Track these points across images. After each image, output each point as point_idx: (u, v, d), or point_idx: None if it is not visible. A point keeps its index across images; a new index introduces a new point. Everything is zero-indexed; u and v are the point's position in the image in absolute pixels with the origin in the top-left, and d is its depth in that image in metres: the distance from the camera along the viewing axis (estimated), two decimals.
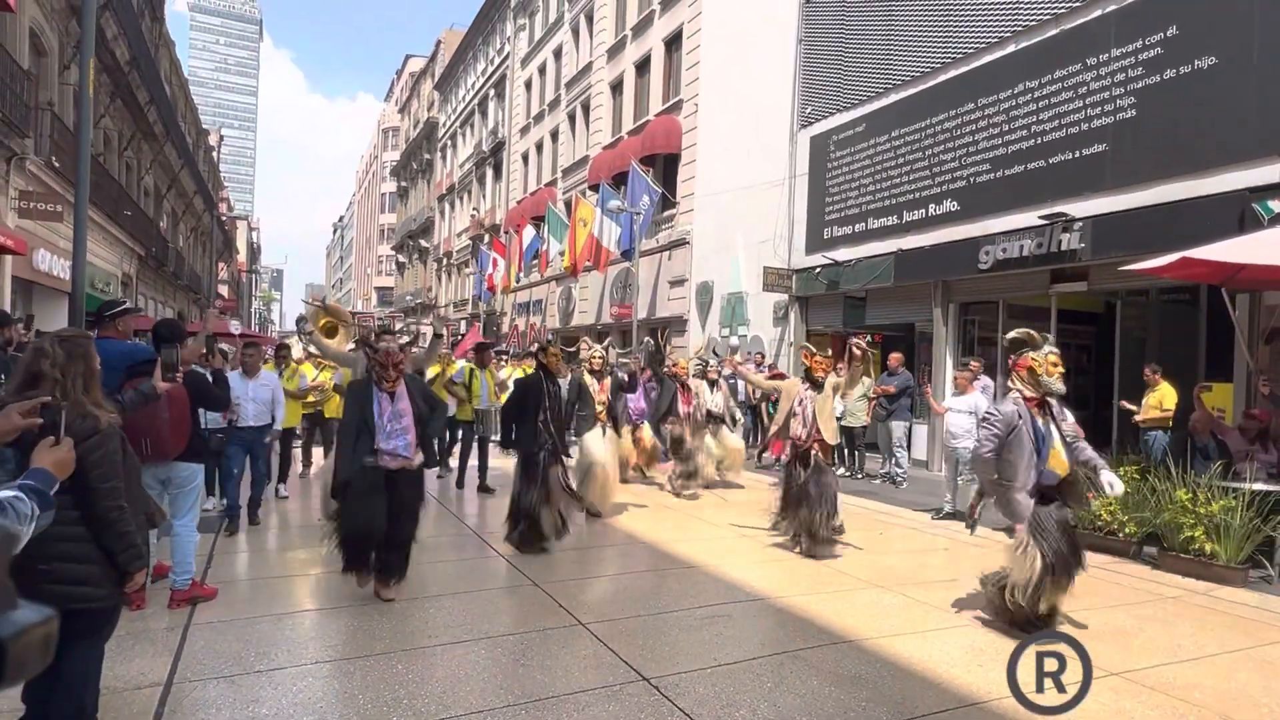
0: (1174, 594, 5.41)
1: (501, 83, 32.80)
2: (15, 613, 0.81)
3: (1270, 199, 7.32)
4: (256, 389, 6.66)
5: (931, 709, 3.42)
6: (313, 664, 3.76)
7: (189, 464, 4.60)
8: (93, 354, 2.53)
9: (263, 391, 6.74)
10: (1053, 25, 9.89)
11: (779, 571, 5.73)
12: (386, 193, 61.09)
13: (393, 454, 4.54)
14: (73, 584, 2.32)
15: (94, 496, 2.36)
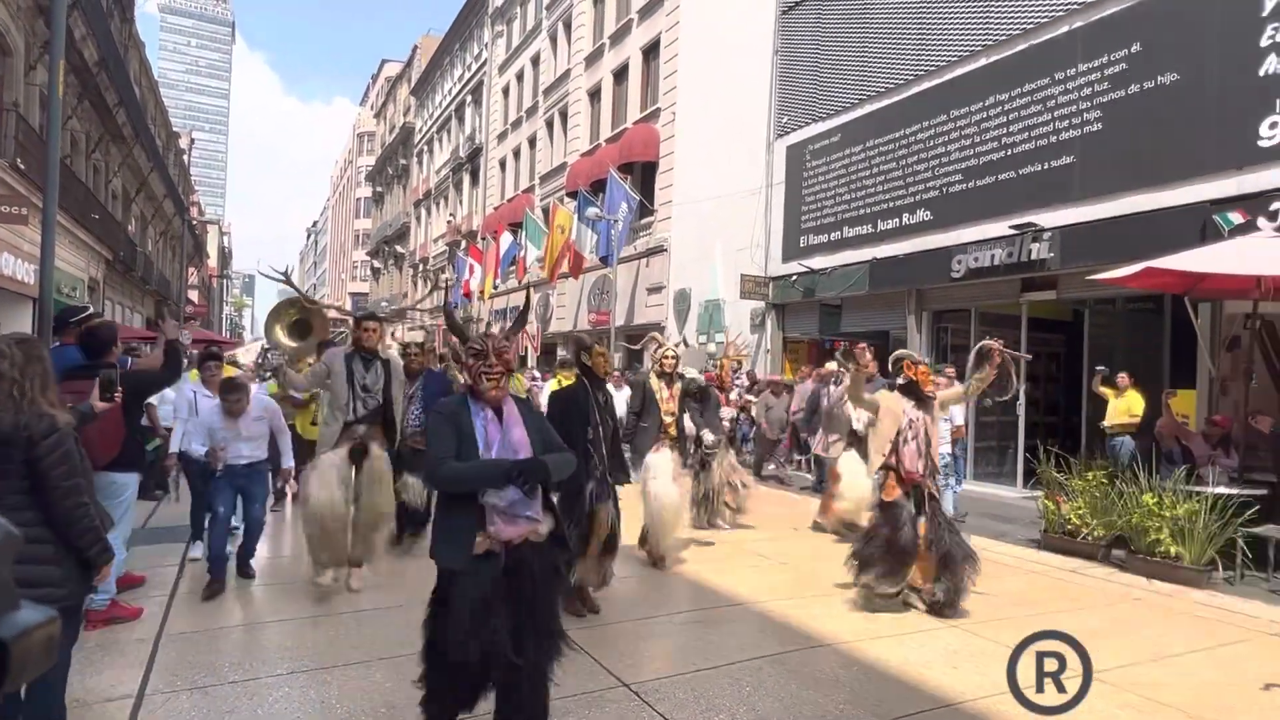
0: (1140, 595, 5.54)
1: (479, 89, 32.72)
2: (17, 613, 0.80)
3: (1230, 211, 7.55)
4: (249, 424, 5.12)
5: (908, 711, 3.47)
6: (288, 674, 3.71)
7: (120, 474, 4.32)
8: (48, 356, 2.61)
9: (258, 426, 5.20)
10: (1022, 40, 10.12)
11: (757, 576, 5.76)
12: (361, 198, 60.52)
13: (511, 515, 2.65)
14: (32, 585, 2.29)
15: (56, 495, 2.40)
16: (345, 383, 4.98)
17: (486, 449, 2.65)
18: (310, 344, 6.07)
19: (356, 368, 5.03)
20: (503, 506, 2.61)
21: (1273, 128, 7.48)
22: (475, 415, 2.69)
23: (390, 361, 5.22)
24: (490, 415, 2.71)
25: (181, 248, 32.99)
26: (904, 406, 4.96)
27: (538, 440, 2.75)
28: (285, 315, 5.87)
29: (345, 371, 4.99)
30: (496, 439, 2.67)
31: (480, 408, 2.72)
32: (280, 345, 6.03)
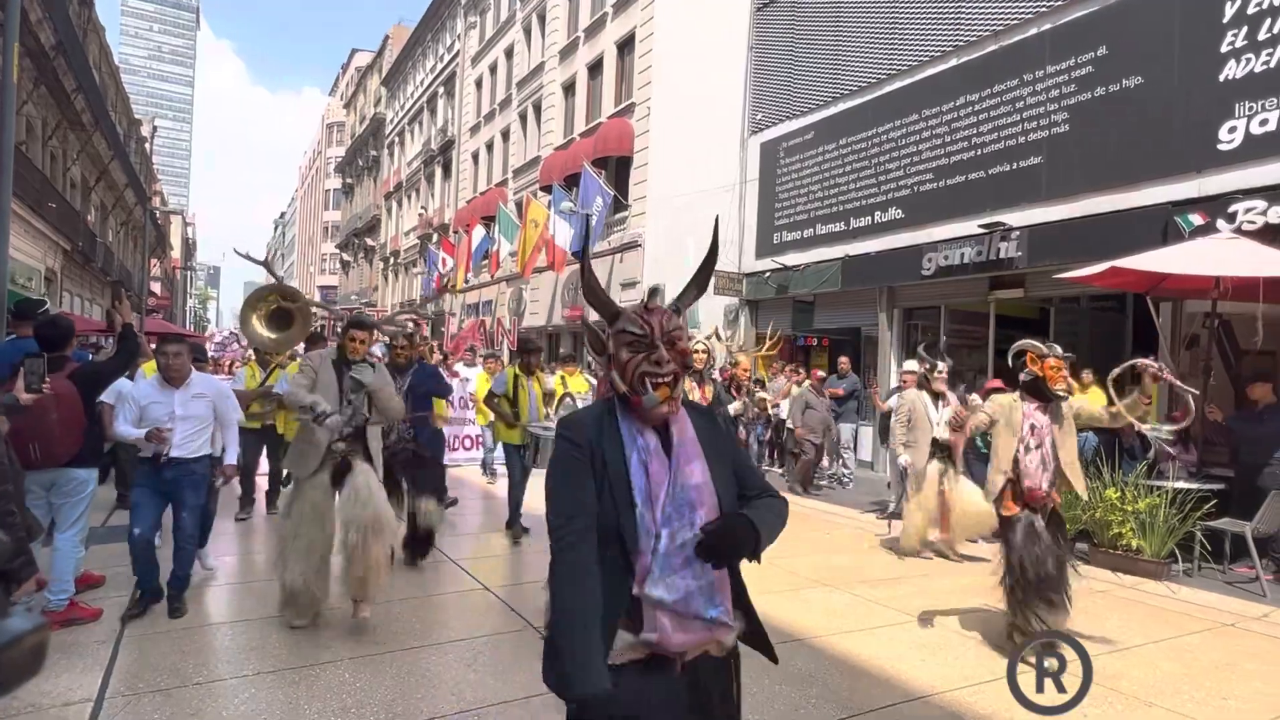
0: (1103, 588, 5.67)
1: (451, 80, 32.35)
2: (7, 621, 0.79)
3: (1190, 213, 7.73)
4: (186, 401, 4.38)
5: (879, 704, 3.51)
6: (254, 674, 3.64)
7: (80, 470, 4.22)
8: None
9: (196, 405, 4.41)
10: (992, 41, 10.26)
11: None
12: (331, 189, 59.55)
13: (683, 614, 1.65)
14: None
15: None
16: (334, 392, 4.30)
17: (647, 502, 1.63)
18: (291, 336, 5.49)
19: (344, 376, 4.35)
20: (671, 600, 1.60)
21: (1231, 132, 7.68)
22: (629, 443, 1.67)
23: (377, 365, 4.54)
24: (653, 443, 1.68)
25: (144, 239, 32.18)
26: (1024, 410, 4.20)
27: (726, 476, 1.75)
28: (264, 303, 5.28)
29: (334, 378, 4.31)
30: (663, 484, 1.65)
31: (636, 430, 1.69)
32: (257, 338, 5.43)
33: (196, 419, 4.42)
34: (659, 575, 1.61)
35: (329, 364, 4.36)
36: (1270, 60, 7.43)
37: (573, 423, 1.72)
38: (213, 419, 4.54)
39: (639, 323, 1.71)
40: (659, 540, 1.62)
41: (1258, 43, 7.53)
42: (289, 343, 6.04)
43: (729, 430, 1.88)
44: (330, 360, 4.37)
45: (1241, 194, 7.43)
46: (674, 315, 1.74)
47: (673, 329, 1.72)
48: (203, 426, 4.46)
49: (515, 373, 6.85)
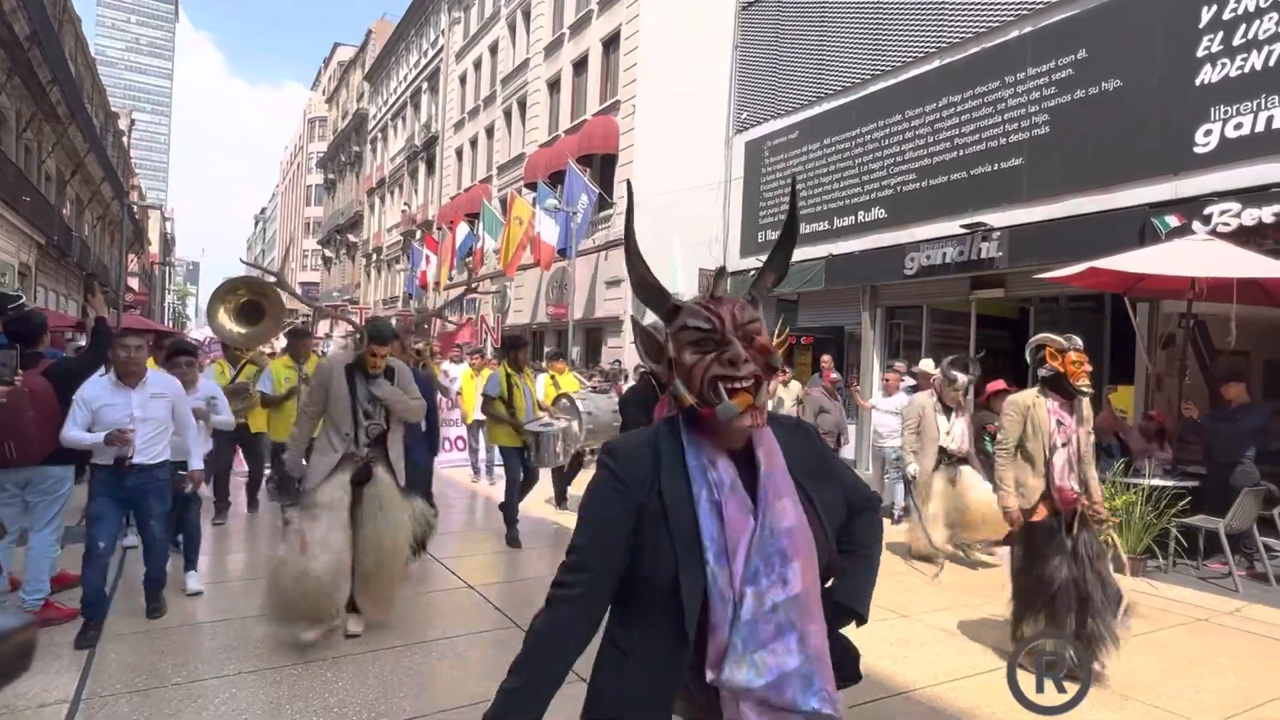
0: None
1: (435, 76, 32.14)
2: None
3: (1167, 214, 7.85)
4: (145, 401, 4.06)
5: (861, 700, 3.54)
6: (235, 674, 3.61)
7: (56, 467, 4.15)
8: None
9: (156, 406, 4.10)
10: (974, 43, 10.35)
11: None
12: (313, 185, 58.99)
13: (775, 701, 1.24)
14: None
15: None
16: (348, 404, 4.04)
17: (722, 556, 1.24)
18: (262, 331, 5.41)
19: (359, 386, 4.08)
20: (760, 686, 1.23)
21: (1207, 135, 7.80)
22: (697, 478, 1.29)
23: (397, 370, 4.23)
24: (728, 477, 1.29)
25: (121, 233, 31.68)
26: (1047, 407, 4.01)
27: (830, 504, 1.39)
28: (233, 295, 5.19)
29: (347, 390, 4.06)
30: (744, 530, 1.25)
31: (707, 460, 1.30)
32: (224, 332, 5.32)
33: (156, 421, 4.12)
34: (742, 652, 1.22)
35: (341, 373, 4.08)
36: (1245, 65, 7.56)
37: (622, 450, 1.35)
38: (171, 421, 4.21)
39: (705, 315, 1.36)
40: (740, 606, 1.22)
41: (1233, 48, 7.66)
42: (259, 338, 5.91)
43: (813, 436, 1.48)
44: (343, 368, 4.09)
45: (1216, 196, 7.55)
46: (748, 306, 1.40)
47: (748, 321, 1.37)
48: (163, 429, 4.14)
49: (507, 372, 6.58)
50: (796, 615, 1.25)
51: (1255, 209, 7.19)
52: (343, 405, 4.05)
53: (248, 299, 5.19)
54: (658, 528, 1.27)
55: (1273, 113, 7.31)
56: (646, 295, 1.47)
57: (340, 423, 4.07)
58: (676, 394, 1.35)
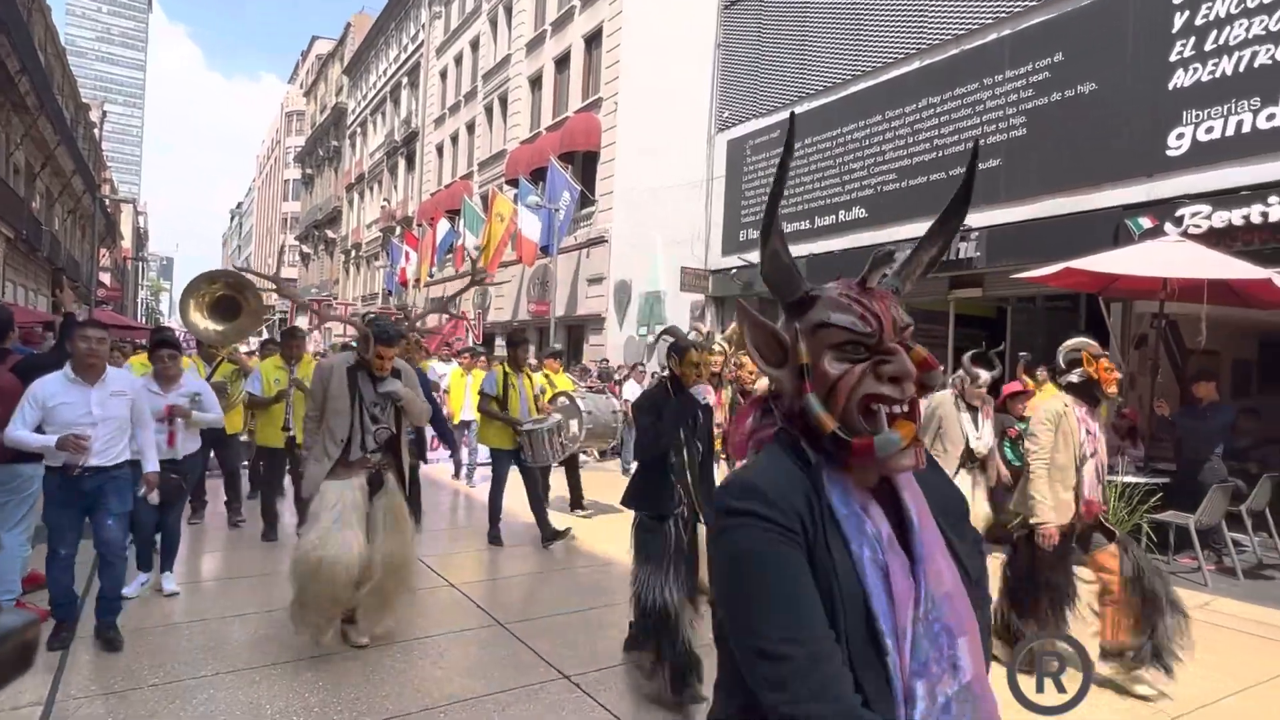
0: None
1: (415, 71, 31.86)
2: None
3: (1141, 216, 8.00)
4: (105, 400, 3.74)
5: None
6: (213, 675, 3.56)
7: (25, 465, 4.01)
8: None
9: (116, 405, 3.78)
10: (954, 45, 10.46)
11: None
12: (290, 179, 58.24)
13: None
14: None
15: None
16: (349, 408, 3.81)
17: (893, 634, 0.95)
18: (240, 328, 5.17)
19: (364, 388, 3.83)
20: None
21: (1179, 138, 7.95)
22: (852, 529, 0.99)
23: (403, 372, 4.01)
24: (885, 529, 1.00)
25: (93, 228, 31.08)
26: (1076, 415, 3.78)
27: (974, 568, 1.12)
28: (206, 291, 4.90)
29: (348, 393, 3.81)
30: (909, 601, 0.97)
31: (856, 502, 1.01)
32: (198, 329, 5.05)
33: (116, 421, 3.79)
34: None
35: (343, 375, 3.83)
36: (1216, 71, 7.71)
37: (769, 485, 0.98)
38: (128, 421, 3.88)
39: (859, 312, 1.05)
40: (911, 706, 0.94)
41: (1204, 53, 7.81)
42: (235, 335, 5.60)
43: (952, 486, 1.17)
44: (345, 370, 3.85)
45: (1188, 199, 7.70)
46: (899, 302, 1.10)
47: (906, 325, 1.08)
48: (122, 429, 3.84)
49: (505, 371, 6.35)
50: (970, 713, 0.96)
51: (1225, 211, 7.35)
52: (341, 410, 3.79)
53: (223, 294, 4.93)
54: (830, 599, 0.94)
55: (1242, 117, 7.48)
56: (775, 275, 1.12)
57: (336, 428, 3.79)
58: (811, 414, 1.02)
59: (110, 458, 3.77)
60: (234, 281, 5.06)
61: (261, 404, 5.98)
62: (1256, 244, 7.14)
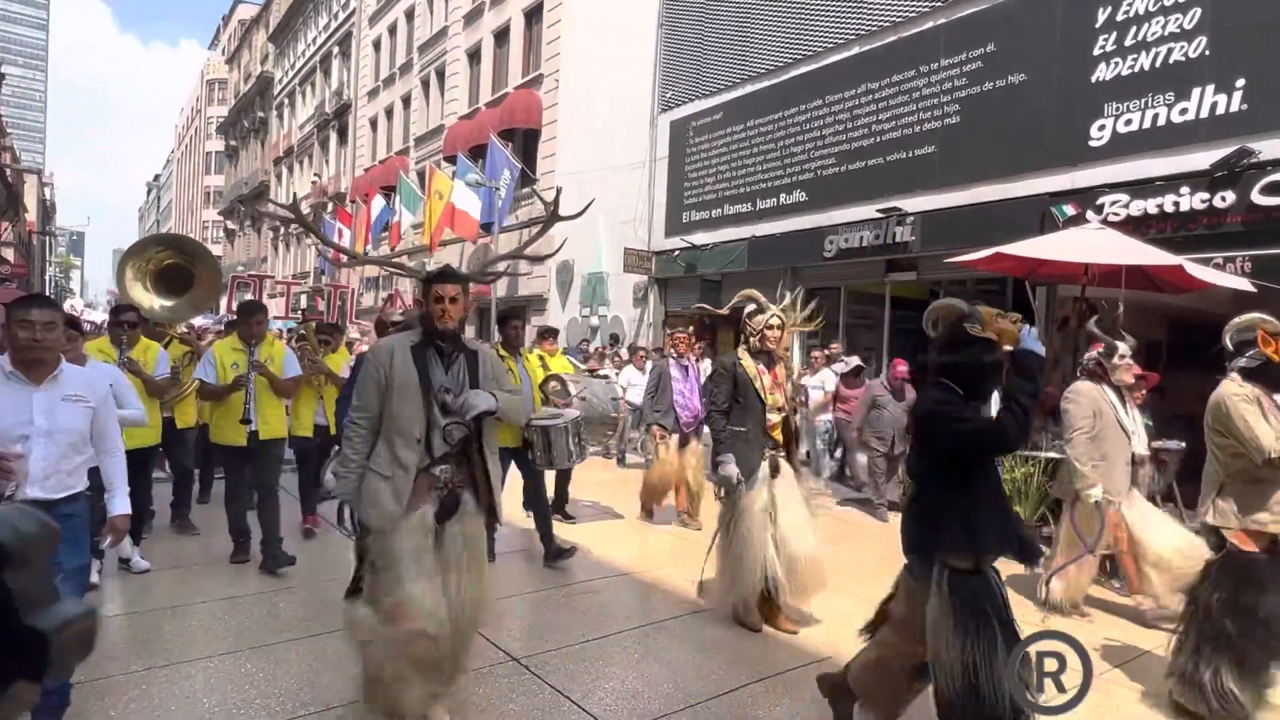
0: None
1: (347, 40, 30.65)
2: (58, 606, 0.87)
3: (1065, 203, 8.36)
4: (53, 406, 2.71)
5: (787, 665, 3.68)
6: (143, 670, 3.42)
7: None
8: None
9: (69, 414, 2.74)
10: (892, 32, 10.66)
11: (641, 547, 5.89)
12: (213, 151, 55.48)
13: None
14: None
15: None
16: (419, 396, 2.84)
17: None
18: (187, 304, 4.49)
19: (434, 368, 2.89)
20: None
21: (1101, 130, 8.32)
22: None
23: (480, 355, 3.05)
24: None
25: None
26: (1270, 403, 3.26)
27: None
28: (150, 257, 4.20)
29: (417, 376, 2.86)
30: None
31: None
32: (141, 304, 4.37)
33: (68, 435, 2.73)
34: None
35: (406, 353, 2.89)
36: (1135, 65, 8.08)
37: None
38: (87, 434, 2.81)
39: None
40: None
41: (1124, 48, 8.17)
42: (185, 311, 4.98)
43: None
44: (407, 348, 2.91)
45: (1108, 188, 8.09)
46: None
47: None
48: (77, 448, 2.77)
49: (500, 354, 5.21)
50: None
51: (1141, 201, 7.76)
52: (412, 400, 2.83)
53: (171, 262, 4.25)
54: None
55: (1158, 111, 7.87)
56: None
57: (409, 426, 2.83)
58: None
59: (56, 488, 2.69)
60: (187, 248, 4.43)
61: (215, 393, 4.85)
62: (1169, 232, 7.57)
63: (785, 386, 4.35)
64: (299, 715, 3.04)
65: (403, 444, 2.83)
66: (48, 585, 0.88)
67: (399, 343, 2.94)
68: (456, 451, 2.91)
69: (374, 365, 2.89)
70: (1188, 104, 7.65)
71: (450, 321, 2.89)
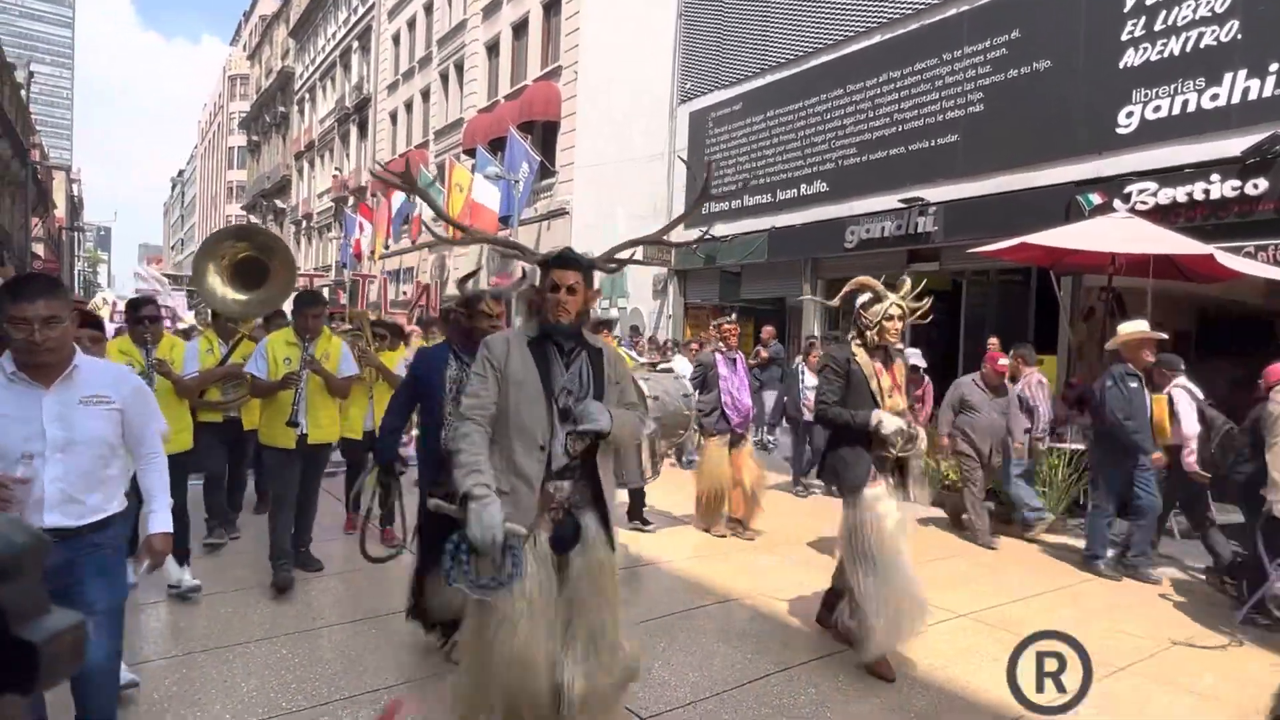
0: (1008, 542, 6.10)
1: (366, 34, 30.81)
2: (48, 617, 0.84)
3: (1091, 192, 8.25)
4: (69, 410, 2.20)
5: (810, 656, 3.71)
6: (183, 655, 3.52)
7: None
8: None
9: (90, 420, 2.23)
10: (914, 20, 10.55)
11: (669, 538, 5.93)
12: (235, 146, 56.08)
13: None
14: None
15: None
16: (542, 397, 2.42)
17: None
18: (264, 298, 4.29)
19: (554, 364, 2.47)
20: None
21: (1129, 117, 8.20)
22: None
23: (605, 354, 2.59)
24: None
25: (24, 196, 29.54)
26: None
27: None
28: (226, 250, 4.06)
29: (538, 378, 2.43)
30: None
31: None
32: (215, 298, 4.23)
33: (91, 445, 2.22)
34: None
35: (524, 348, 2.47)
36: (1164, 50, 7.94)
37: None
38: (120, 444, 2.33)
39: None
40: None
41: (1154, 33, 8.03)
42: (258, 306, 4.74)
43: None
44: (525, 341, 2.48)
45: (1136, 176, 7.97)
46: None
47: None
48: (103, 461, 2.27)
49: None
50: None
51: (1170, 189, 7.64)
52: (534, 401, 2.40)
53: (246, 255, 4.04)
54: None
55: (1188, 97, 7.73)
56: None
57: (533, 427, 2.39)
58: None
59: (80, 513, 2.21)
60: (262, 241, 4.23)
61: (266, 390, 4.42)
62: (1199, 220, 7.45)
63: (904, 387, 3.78)
64: (334, 700, 3.11)
65: (523, 450, 2.38)
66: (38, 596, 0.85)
67: (514, 336, 2.54)
68: (577, 465, 2.43)
69: (487, 359, 2.47)
70: (1219, 89, 7.51)
71: (567, 315, 2.44)
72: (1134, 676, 3.67)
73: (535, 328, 2.52)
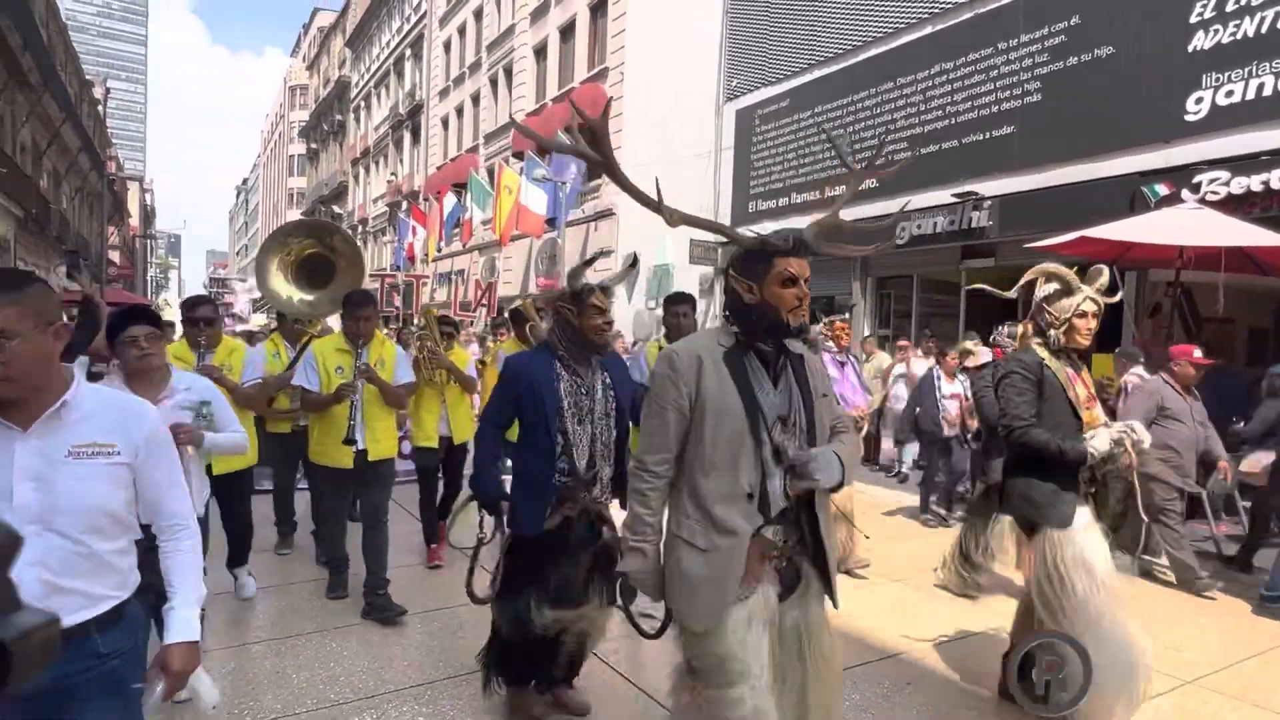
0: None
1: (419, 42, 31.51)
2: (18, 615, 0.82)
3: (1157, 183, 7.88)
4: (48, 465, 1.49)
5: (857, 660, 3.63)
6: (239, 646, 3.65)
7: None
8: None
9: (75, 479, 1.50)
10: (967, 9, 10.26)
11: None
12: (295, 155, 57.99)
13: None
14: None
15: None
16: (748, 430, 1.92)
17: None
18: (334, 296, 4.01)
19: (759, 384, 1.97)
20: None
21: (1198, 103, 7.81)
22: None
23: (807, 361, 2.15)
24: None
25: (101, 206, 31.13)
26: None
27: None
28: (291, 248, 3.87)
29: (739, 400, 1.93)
30: None
31: None
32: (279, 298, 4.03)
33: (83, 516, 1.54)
34: None
35: (720, 363, 1.96)
36: (1238, 32, 7.54)
37: None
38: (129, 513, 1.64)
39: None
40: None
41: (1225, 14, 7.63)
42: (326, 306, 4.46)
43: None
44: (721, 354, 1.98)
45: (1206, 165, 7.59)
46: None
47: None
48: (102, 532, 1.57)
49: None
50: None
51: (1244, 177, 7.24)
52: (740, 438, 1.91)
53: (312, 252, 3.80)
54: None
55: (1264, 80, 7.33)
56: None
57: (734, 467, 1.91)
58: None
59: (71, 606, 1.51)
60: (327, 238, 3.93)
61: (318, 404, 4.00)
62: (1275, 209, 7.05)
63: (1098, 400, 3.14)
64: (380, 693, 3.18)
65: (724, 498, 1.88)
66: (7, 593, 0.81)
67: (704, 346, 1.99)
68: (793, 506, 1.96)
69: (670, 381, 1.94)
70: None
71: (802, 314, 2.01)
72: None
73: (730, 336, 2.00)
